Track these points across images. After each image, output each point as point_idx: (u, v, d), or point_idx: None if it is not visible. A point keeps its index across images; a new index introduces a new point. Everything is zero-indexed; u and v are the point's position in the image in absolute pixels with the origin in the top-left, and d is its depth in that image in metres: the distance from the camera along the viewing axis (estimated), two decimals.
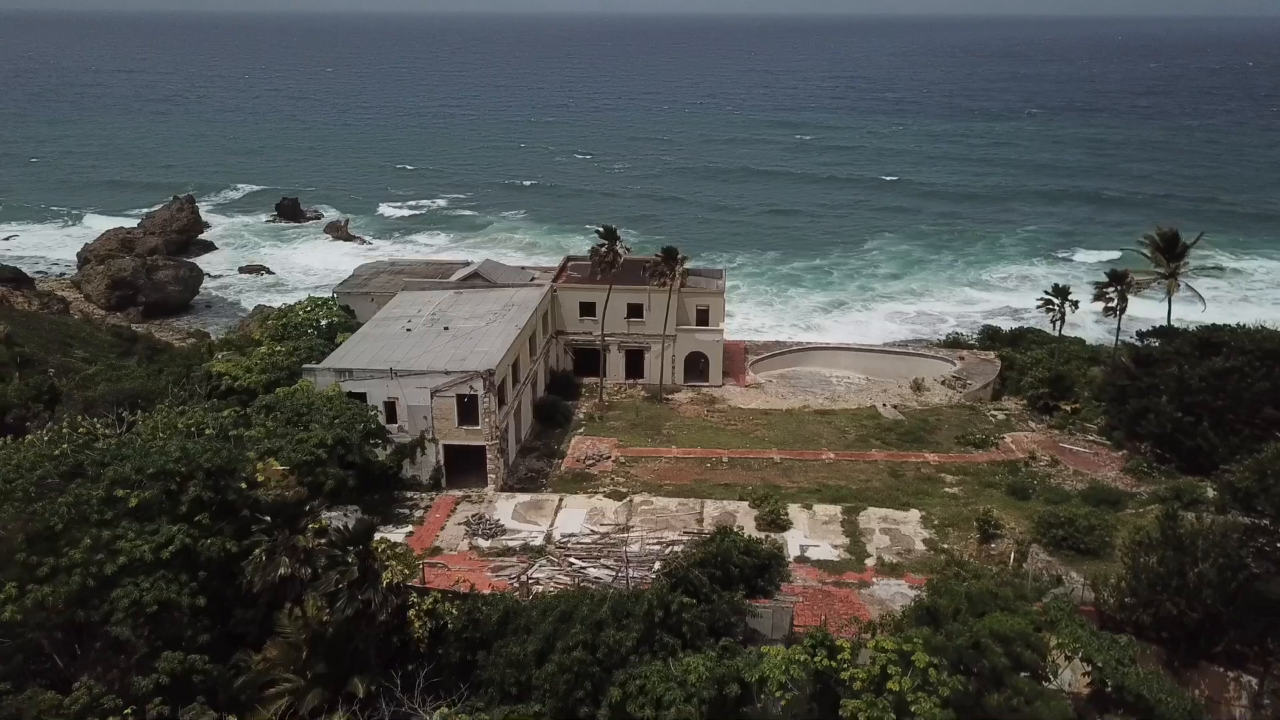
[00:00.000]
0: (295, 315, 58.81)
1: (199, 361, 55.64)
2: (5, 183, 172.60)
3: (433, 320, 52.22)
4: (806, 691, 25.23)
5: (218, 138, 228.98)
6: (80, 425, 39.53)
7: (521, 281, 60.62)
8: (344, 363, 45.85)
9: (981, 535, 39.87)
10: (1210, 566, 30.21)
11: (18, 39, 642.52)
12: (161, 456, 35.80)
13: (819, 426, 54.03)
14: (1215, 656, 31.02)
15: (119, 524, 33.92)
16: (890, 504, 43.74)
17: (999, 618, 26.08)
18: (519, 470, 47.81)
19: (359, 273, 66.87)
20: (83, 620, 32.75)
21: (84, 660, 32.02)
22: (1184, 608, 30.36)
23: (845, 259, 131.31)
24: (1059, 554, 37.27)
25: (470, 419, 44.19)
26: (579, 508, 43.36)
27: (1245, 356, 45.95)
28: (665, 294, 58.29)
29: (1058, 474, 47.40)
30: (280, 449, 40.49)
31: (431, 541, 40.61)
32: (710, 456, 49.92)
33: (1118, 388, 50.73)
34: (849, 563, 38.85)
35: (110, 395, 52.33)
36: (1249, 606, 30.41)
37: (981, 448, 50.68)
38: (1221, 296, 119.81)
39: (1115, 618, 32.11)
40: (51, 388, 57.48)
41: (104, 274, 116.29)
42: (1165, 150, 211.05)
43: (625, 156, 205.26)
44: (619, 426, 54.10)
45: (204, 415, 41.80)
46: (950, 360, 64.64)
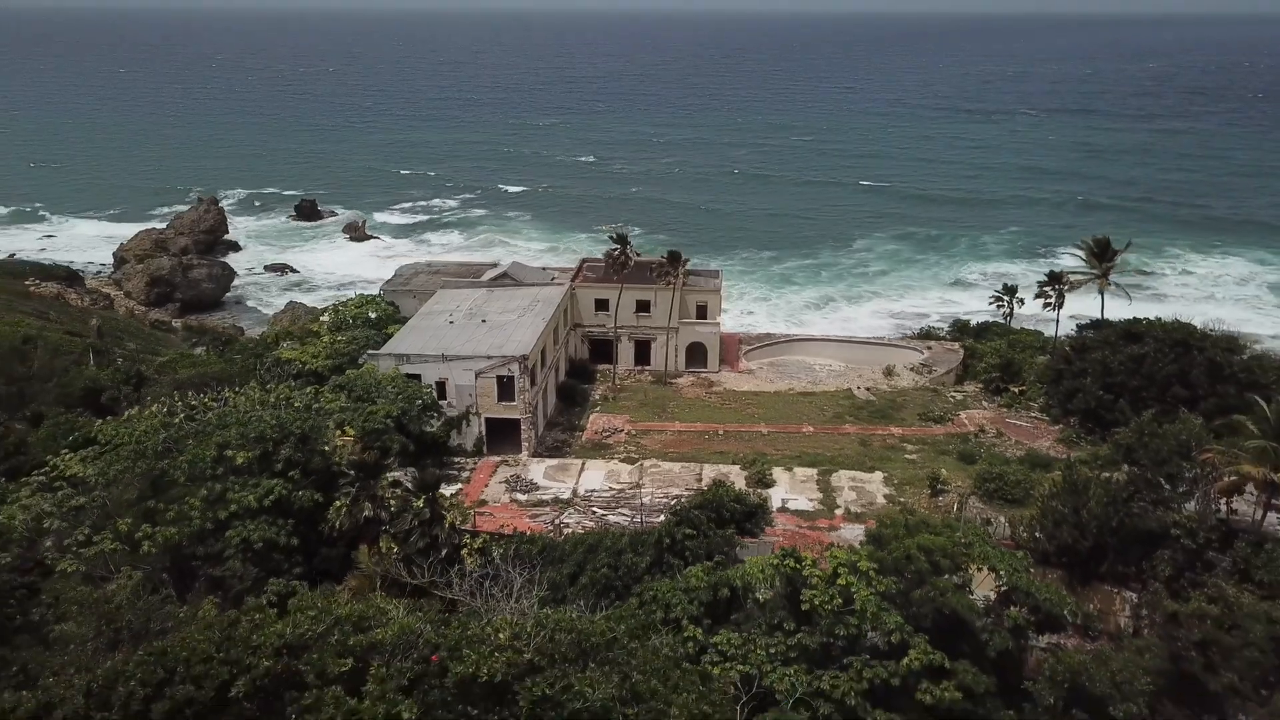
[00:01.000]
0: (349, 310, 66.76)
1: (266, 350, 63.40)
2: (29, 186, 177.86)
3: (471, 314, 60.08)
4: (780, 591, 33.02)
5: (223, 140, 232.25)
6: (191, 400, 47.31)
7: (544, 281, 68.47)
8: (401, 349, 53.76)
9: (931, 491, 47.67)
10: (1097, 505, 38.00)
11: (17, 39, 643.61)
12: (260, 424, 43.38)
13: (801, 406, 61.85)
14: (1103, 577, 38.81)
15: (227, 479, 41.65)
16: (858, 467, 51.53)
17: (925, 537, 33.80)
18: (546, 440, 55.68)
19: (400, 273, 74.70)
20: (201, 555, 40.40)
21: (195, 592, 39.55)
22: (1077, 538, 38.17)
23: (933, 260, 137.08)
24: (991, 503, 45.13)
25: (508, 396, 52.10)
26: (599, 470, 51.27)
27: (1158, 344, 53.75)
28: (670, 291, 66.17)
29: (1002, 444, 55.20)
30: (352, 420, 48.24)
31: (478, 496, 48.48)
32: (708, 430, 57.73)
33: (1055, 371, 58.56)
34: (821, 512, 46.66)
35: (196, 378, 59.91)
36: (1129, 537, 38.20)
37: (939, 423, 58.50)
38: (1189, 294, 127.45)
39: (1027, 548, 39.89)
40: (138, 373, 65.22)
41: (143, 272, 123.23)
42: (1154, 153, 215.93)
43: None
44: (630, 405, 61.92)
45: (289, 392, 49.59)
46: (919, 350, 72.41)
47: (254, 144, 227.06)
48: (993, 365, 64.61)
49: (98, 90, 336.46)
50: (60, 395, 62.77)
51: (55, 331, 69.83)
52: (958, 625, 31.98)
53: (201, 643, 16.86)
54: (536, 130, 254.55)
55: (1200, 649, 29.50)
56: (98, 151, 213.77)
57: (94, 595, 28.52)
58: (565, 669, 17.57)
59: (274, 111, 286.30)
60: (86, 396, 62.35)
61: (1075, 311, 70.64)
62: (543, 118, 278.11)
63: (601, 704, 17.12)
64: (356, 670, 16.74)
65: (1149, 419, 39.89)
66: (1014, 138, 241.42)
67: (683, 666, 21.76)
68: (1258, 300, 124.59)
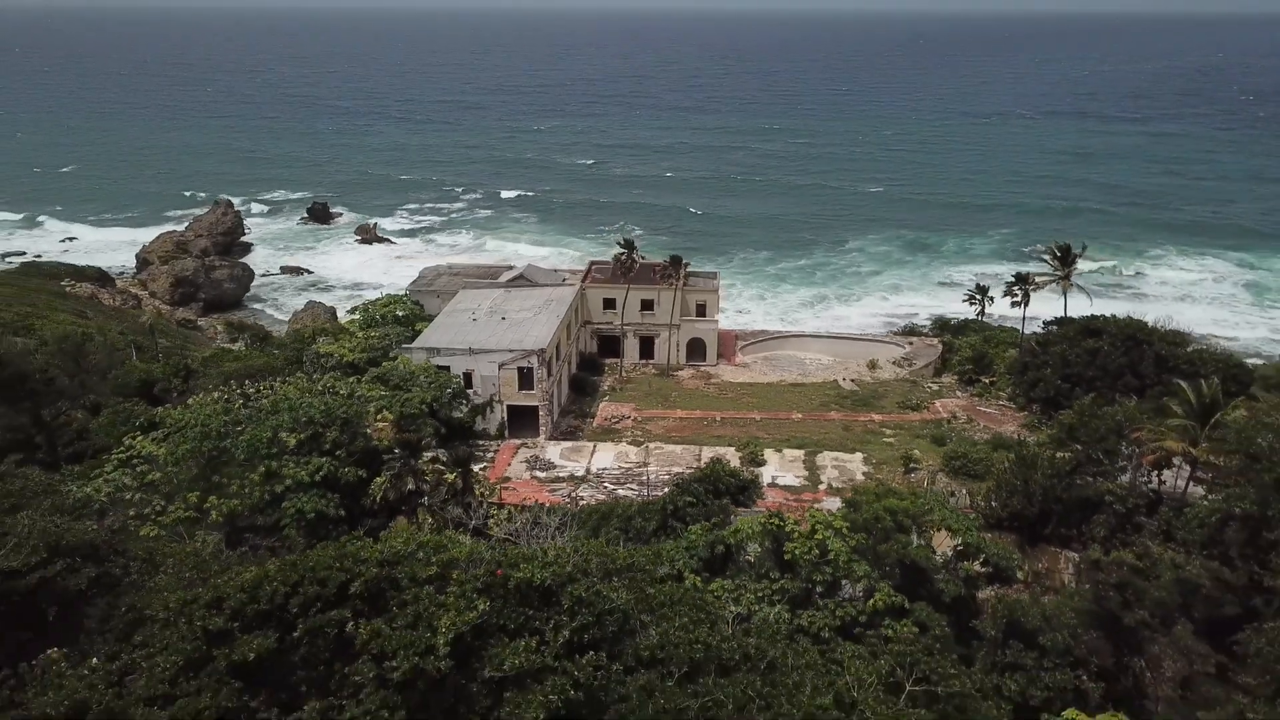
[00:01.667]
0: (378, 308, 72.01)
1: (304, 346, 68.58)
2: (36, 191, 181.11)
3: (491, 312, 65.36)
4: (766, 547, 38.27)
5: (226, 144, 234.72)
6: (249, 389, 52.53)
7: (556, 282, 73.76)
8: (431, 343, 59.09)
9: (905, 468, 52.91)
10: (1043, 477, 43.25)
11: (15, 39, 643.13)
12: (310, 409, 48.62)
13: (791, 396, 67.13)
14: (1049, 539, 44.05)
15: (281, 457, 46.85)
16: (840, 449, 56.81)
17: (891, 501, 39.06)
18: (561, 425, 60.99)
19: (424, 274, 79.97)
20: (260, 524, 45.62)
21: (249, 558, 44.61)
22: (1026, 505, 43.43)
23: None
24: (957, 479, 50.39)
25: (527, 386, 57.43)
26: (609, 451, 56.58)
27: (1112, 339, 58.99)
28: (672, 292, 71.47)
29: (971, 429, 60.44)
30: (390, 406, 53.44)
31: (502, 474, 53.78)
32: (707, 417, 62.99)
33: (1022, 364, 63.82)
34: (807, 487, 51.93)
35: (242, 370, 65.05)
36: (1071, 505, 43.43)
37: (916, 410, 63.77)
38: (1165, 294, 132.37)
39: (983, 515, 45.15)
40: (186, 365, 70.45)
41: (168, 273, 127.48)
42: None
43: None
44: (636, 395, 67.20)
45: (333, 381, 54.86)
46: (901, 345, 77.68)
47: (257, 148, 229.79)
48: (966, 359, 69.87)
49: (96, 93, 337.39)
50: (117, 387, 67.93)
51: (111, 330, 75.03)
52: (918, 574, 37.25)
53: (323, 557, 22.10)
54: (540, 132, 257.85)
55: (1118, 590, 34.69)
56: (101, 156, 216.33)
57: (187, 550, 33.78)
58: (595, 580, 22.84)
59: (275, 115, 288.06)
60: (141, 388, 67.52)
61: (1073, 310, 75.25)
62: (575, 119, 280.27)
63: (623, 607, 22.42)
64: (440, 577, 21.95)
65: (1089, 402, 45.18)
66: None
67: (684, 589, 27.04)
68: (1233, 299, 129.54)
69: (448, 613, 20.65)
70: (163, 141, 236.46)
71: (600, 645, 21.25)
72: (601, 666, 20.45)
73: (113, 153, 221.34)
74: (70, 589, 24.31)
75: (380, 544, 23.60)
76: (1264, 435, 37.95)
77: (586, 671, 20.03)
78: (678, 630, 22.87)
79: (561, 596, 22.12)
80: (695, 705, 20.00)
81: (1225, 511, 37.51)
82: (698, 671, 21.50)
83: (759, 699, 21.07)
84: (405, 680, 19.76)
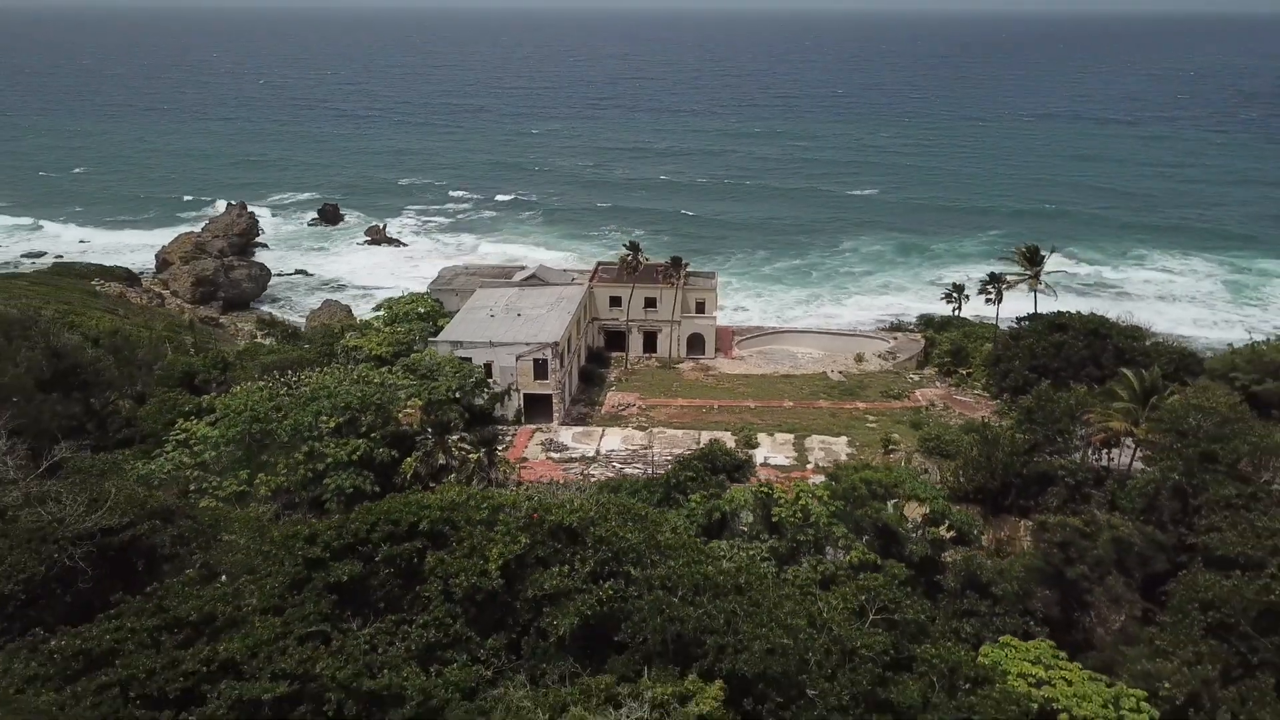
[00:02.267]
0: (401, 306, 76.85)
1: (335, 340, 73.45)
2: (46, 195, 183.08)
3: (507, 309, 70.26)
4: (757, 514, 43.17)
5: (231, 147, 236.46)
6: (292, 378, 57.39)
7: (566, 281, 78.65)
8: (455, 337, 64.02)
9: (885, 449, 57.80)
10: (1004, 455, 48.13)
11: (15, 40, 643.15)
12: (347, 396, 53.54)
13: (783, 386, 72.02)
14: (1009, 509, 48.92)
15: (322, 439, 51.71)
16: (827, 433, 61.71)
17: (867, 472, 44.00)
18: (573, 412, 65.89)
19: (442, 274, 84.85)
20: (305, 498, 50.49)
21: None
22: (989, 479, 48.31)
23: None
24: (931, 458, 55.27)
25: (542, 375, 62.35)
26: (616, 435, 61.50)
27: (1075, 333, 63.87)
28: (673, 290, 76.38)
29: (948, 415, 65.32)
30: (419, 393, 58.32)
31: (520, 454, 58.69)
32: (706, 405, 67.87)
33: (995, 357, 68.71)
34: (795, 466, 56.83)
35: (278, 362, 69.88)
36: (1028, 479, 48.31)
37: (897, 399, 68.68)
38: (1146, 292, 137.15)
39: (951, 488, 50.03)
40: (223, 358, 75.34)
41: (189, 273, 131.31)
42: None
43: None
44: (640, 385, 72.08)
45: (367, 371, 59.75)
46: (886, 340, 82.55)
47: (260, 151, 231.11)
48: (946, 352, 74.74)
49: (94, 96, 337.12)
50: (161, 378, 72.77)
51: (157, 327, 79.91)
52: (890, 536, 42.15)
53: (395, 503, 27.07)
54: (540, 135, 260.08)
55: (1061, 548, 39.59)
56: (106, 159, 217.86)
57: (249, 515, 38.65)
58: (613, 523, 27.80)
59: (278, 117, 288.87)
60: (183, 379, 72.36)
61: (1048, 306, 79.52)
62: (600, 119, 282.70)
63: (636, 546, 27.36)
64: (489, 519, 26.88)
65: (1045, 389, 50.08)
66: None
67: (688, 536, 31.97)
68: (1210, 297, 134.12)
69: (497, 545, 25.68)
70: (168, 144, 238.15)
71: (618, 574, 26.20)
72: (619, 590, 25.39)
73: (118, 156, 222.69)
74: (155, 545, 28.54)
75: (438, 494, 28.62)
76: (1194, 416, 42.84)
77: (607, 593, 24.98)
78: (681, 565, 27.81)
79: (586, 536, 27.12)
80: (694, 617, 24.90)
81: (1159, 482, 42.38)
82: (697, 594, 26.41)
83: (745, 616, 25.96)
84: (465, 595, 24.74)
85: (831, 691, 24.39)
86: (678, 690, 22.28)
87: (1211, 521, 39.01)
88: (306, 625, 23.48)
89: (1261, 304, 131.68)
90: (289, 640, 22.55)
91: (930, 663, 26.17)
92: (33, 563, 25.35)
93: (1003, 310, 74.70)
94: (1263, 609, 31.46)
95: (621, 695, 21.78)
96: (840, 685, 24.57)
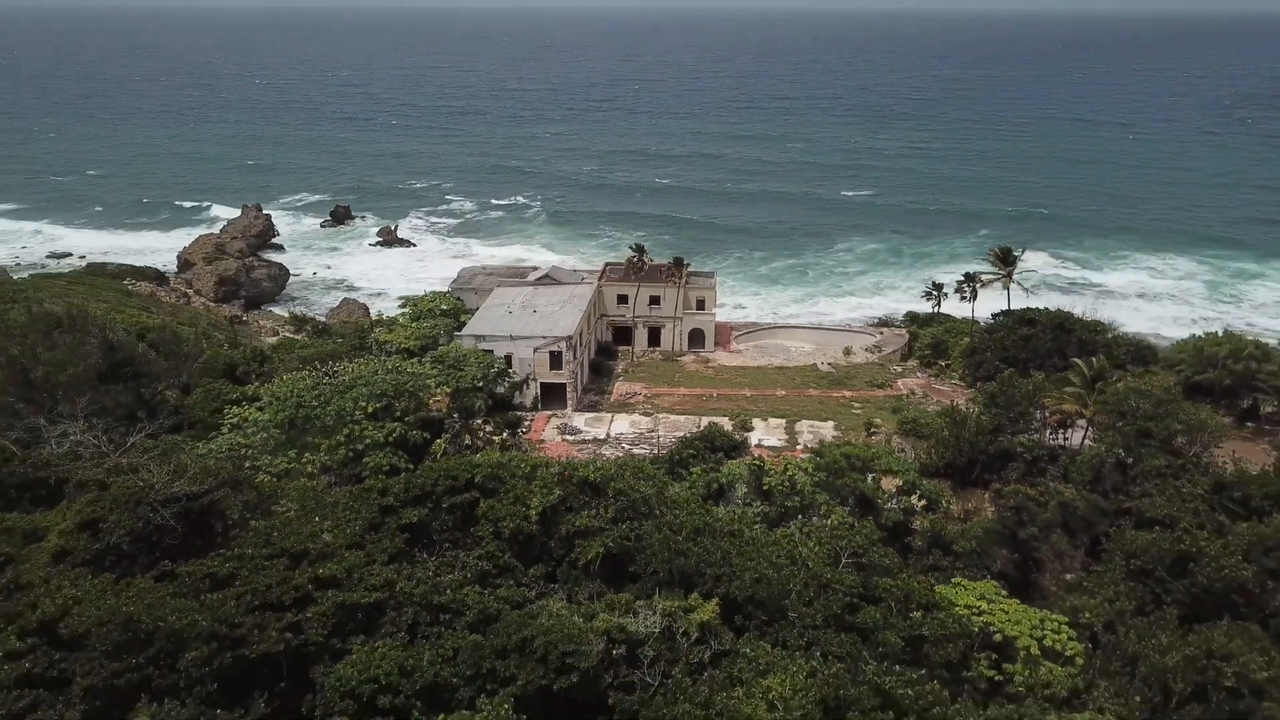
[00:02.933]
0: (424, 304, 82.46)
1: (365, 335, 79.02)
2: (75, 196, 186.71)
3: (524, 306, 75.85)
4: (750, 485, 48.74)
5: (237, 150, 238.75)
6: (333, 367, 62.93)
7: (577, 280, 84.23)
8: (478, 331, 69.62)
9: (866, 431, 63.38)
10: (971, 435, 53.67)
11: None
12: (383, 384, 59.00)
13: (777, 376, 77.55)
14: (975, 483, 54.43)
15: (361, 422, 57.20)
16: (816, 418, 67.24)
17: (847, 448, 49.55)
18: (584, 400, 71.49)
19: (462, 274, 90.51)
20: (347, 475, 55.93)
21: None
22: (957, 456, 53.85)
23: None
24: (908, 439, 60.81)
25: (557, 366, 67.96)
26: (624, 420, 67.08)
27: (1042, 328, 69.39)
28: (675, 289, 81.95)
29: (926, 402, 70.89)
30: (447, 381, 63.86)
31: (538, 437, 64.28)
32: (705, 393, 73.42)
33: (971, 349, 74.27)
34: (786, 446, 62.36)
35: (314, 355, 75.43)
36: (992, 456, 53.82)
37: (881, 388, 74.22)
38: (1129, 291, 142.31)
39: (924, 465, 55.56)
40: (261, 352, 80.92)
41: (212, 273, 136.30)
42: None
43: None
44: (645, 376, 77.65)
45: (400, 362, 65.33)
46: (873, 334, 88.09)
47: (265, 155, 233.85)
48: (927, 345, 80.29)
49: (91, 99, 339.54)
50: (206, 370, 78.29)
51: (201, 322, 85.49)
52: (867, 504, 47.63)
53: (452, 463, 32.72)
54: (542, 138, 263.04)
55: (1015, 512, 45.16)
56: (116, 163, 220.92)
57: (305, 486, 44.16)
58: (629, 479, 33.42)
59: (283, 121, 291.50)
60: (226, 370, 77.88)
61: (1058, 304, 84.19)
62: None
63: (648, 497, 32.99)
64: (529, 475, 32.49)
65: (1008, 376, 55.64)
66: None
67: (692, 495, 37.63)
68: (1189, 295, 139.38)
69: (536, 495, 31.31)
70: (173, 148, 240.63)
71: (634, 519, 31.83)
72: (634, 530, 31.03)
73: (128, 160, 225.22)
74: (227, 509, 33.22)
75: (485, 457, 34.27)
76: (1134, 398, 48.40)
77: (624, 532, 30.62)
78: (684, 514, 33.43)
79: (607, 489, 32.74)
80: (695, 553, 30.51)
81: (1103, 456, 47.94)
82: (698, 535, 32.00)
83: (738, 553, 31.56)
84: (510, 535, 30.39)
85: (808, 614, 29.95)
86: (682, 605, 27.91)
87: (1145, 488, 44.56)
88: (385, 556, 29.08)
89: (1236, 301, 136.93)
90: (374, 565, 28.16)
91: (889, 592, 31.73)
92: (131, 520, 30.10)
93: (988, 307, 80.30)
94: (1175, 557, 36.98)
95: (638, 606, 27.39)
96: (815, 610, 30.15)
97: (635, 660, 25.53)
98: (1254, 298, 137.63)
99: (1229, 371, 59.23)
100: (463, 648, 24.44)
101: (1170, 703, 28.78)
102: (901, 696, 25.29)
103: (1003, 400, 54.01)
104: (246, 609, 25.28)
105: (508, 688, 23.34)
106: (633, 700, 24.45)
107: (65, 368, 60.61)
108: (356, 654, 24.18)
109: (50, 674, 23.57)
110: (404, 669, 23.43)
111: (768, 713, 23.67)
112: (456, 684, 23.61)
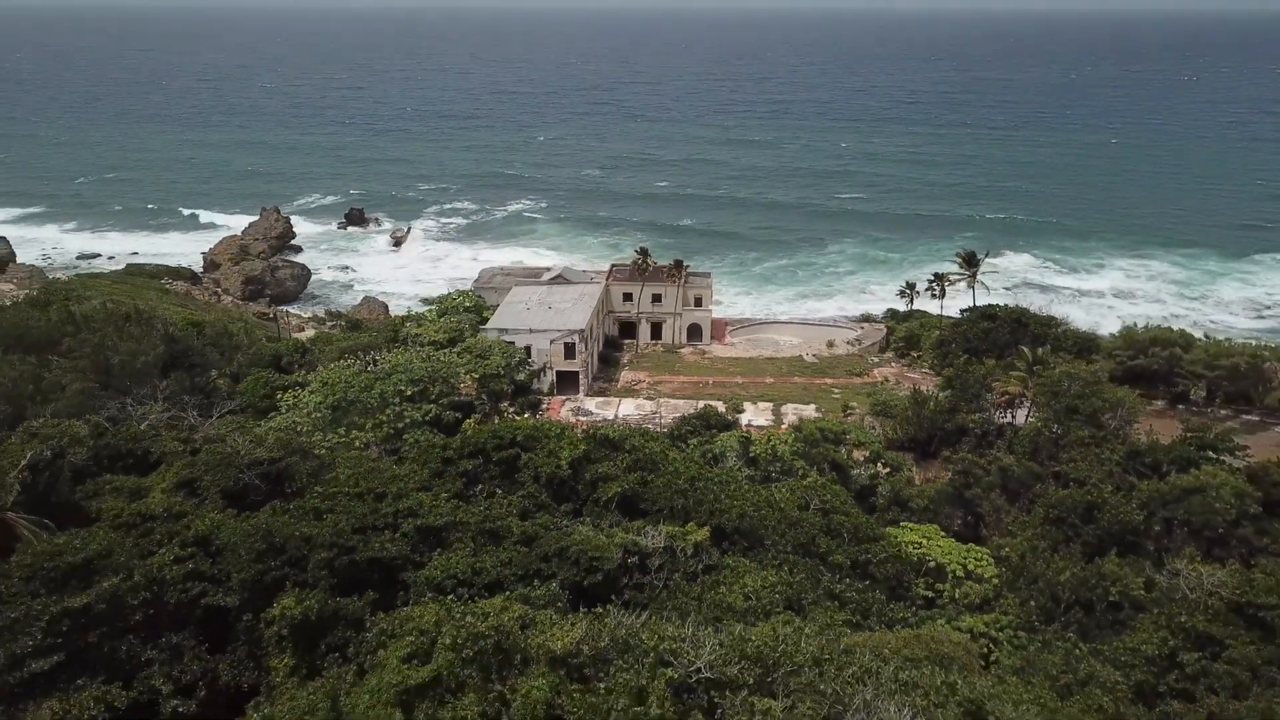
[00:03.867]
0: (449, 302, 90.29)
1: (397, 329, 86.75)
2: (96, 199, 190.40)
3: (540, 303, 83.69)
4: (739, 454, 56.58)
5: (244, 154, 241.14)
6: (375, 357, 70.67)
7: (587, 280, 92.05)
8: (501, 325, 77.44)
9: (843, 411, 71.21)
10: (931, 413, 61.48)
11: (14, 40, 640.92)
12: (419, 371, 66.78)
13: (766, 366, 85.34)
14: (934, 456, 62.25)
15: (401, 404, 64.92)
16: (800, 402, 75.02)
17: (822, 422, 57.39)
18: (594, 386, 79.32)
19: (482, 274, 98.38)
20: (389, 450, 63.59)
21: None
22: (918, 432, 61.67)
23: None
24: (878, 418, 68.67)
25: (571, 356, 75.83)
26: (630, 403, 74.92)
27: (1001, 322, 77.19)
28: (675, 287, 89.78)
29: (898, 388, 78.65)
30: (475, 369, 71.71)
31: (555, 418, 72.13)
32: (702, 381, 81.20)
33: (939, 341, 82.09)
34: (773, 426, 70.14)
35: (353, 346, 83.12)
36: (949, 432, 61.64)
37: (859, 376, 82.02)
38: (1104, 289, 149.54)
39: (890, 439, 63.39)
40: (302, 345, 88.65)
41: (239, 273, 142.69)
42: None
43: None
44: (648, 366, 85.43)
45: (433, 351, 73.17)
46: (855, 329, 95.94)
47: (271, 159, 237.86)
48: (901, 339, 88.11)
49: (104, 100, 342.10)
50: (253, 360, 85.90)
51: (248, 318, 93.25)
52: (839, 470, 55.41)
53: (499, 426, 40.67)
54: (544, 142, 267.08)
55: (962, 475, 53.00)
56: (130, 166, 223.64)
57: (360, 454, 51.93)
58: (639, 440, 41.36)
59: (290, 124, 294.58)
60: (272, 361, 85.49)
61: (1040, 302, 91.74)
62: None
63: (654, 452, 40.94)
64: (560, 434, 40.41)
65: (962, 363, 63.53)
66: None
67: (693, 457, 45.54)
68: (1160, 293, 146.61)
69: (566, 449, 39.18)
70: (181, 153, 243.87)
71: (645, 469, 39.73)
72: (644, 478, 38.93)
73: (138, 163, 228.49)
74: (298, 473, 40.69)
75: (525, 420, 42.23)
76: (1065, 380, 56.23)
77: (637, 478, 38.50)
78: (683, 466, 41.30)
79: (623, 445, 40.66)
80: (692, 494, 38.36)
81: (1038, 429, 55.75)
82: (694, 483, 39.85)
83: (725, 496, 39.39)
84: (546, 480, 38.29)
85: (780, 543, 37.81)
86: (682, 530, 35.78)
87: (1070, 455, 52.33)
88: (448, 495, 36.90)
89: (1202, 299, 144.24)
90: (440, 500, 35.99)
91: (842, 525, 39.62)
92: (224, 479, 37.49)
93: (963, 304, 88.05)
94: (1085, 506, 44.80)
95: (647, 530, 35.25)
96: (786, 540, 38.03)
97: (645, 568, 33.35)
98: (1220, 296, 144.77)
99: (1156, 358, 66.98)
100: (515, 556, 32.29)
101: (1060, 608, 36.65)
102: (848, 597, 33.20)
103: (959, 384, 61.77)
104: (351, 530, 33.09)
105: (549, 582, 31.18)
106: (643, 596, 32.30)
107: (138, 357, 68.37)
108: (436, 560, 31.99)
109: (211, 572, 31.35)
110: (474, 569, 31.24)
111: (743, 602, 31.52)
112: (513, 579, 31.45)
